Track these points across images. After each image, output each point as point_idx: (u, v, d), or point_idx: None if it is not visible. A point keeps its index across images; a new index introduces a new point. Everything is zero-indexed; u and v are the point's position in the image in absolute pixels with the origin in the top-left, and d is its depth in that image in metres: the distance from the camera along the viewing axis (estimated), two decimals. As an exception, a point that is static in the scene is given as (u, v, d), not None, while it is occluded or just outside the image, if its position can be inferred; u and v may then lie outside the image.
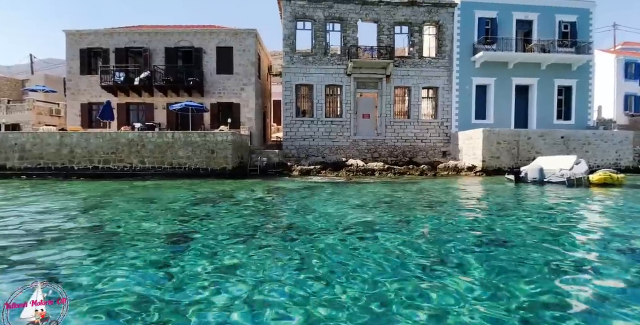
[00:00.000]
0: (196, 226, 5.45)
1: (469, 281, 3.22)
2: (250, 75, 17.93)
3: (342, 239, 4.70)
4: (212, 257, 3.89)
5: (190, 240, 4.65)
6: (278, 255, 3.99)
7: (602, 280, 3.37)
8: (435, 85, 19.11)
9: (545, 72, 19.16)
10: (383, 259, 3.84)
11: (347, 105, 18.46)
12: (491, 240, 4.84)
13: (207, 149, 14.48)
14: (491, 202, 8.43)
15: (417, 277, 3.32)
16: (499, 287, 3.08)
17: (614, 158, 16.72)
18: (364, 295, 2.88)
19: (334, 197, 8.51)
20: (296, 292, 2.97)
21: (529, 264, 3.73)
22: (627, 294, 3.04)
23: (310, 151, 18.13)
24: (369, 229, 5.31)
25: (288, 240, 4.65)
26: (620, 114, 22.64)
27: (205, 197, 8.70)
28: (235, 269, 3.45)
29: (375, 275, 3.38)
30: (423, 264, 3.71)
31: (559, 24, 19.32)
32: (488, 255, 4.08)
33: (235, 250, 4.09)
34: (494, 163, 15.91)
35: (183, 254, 4.03)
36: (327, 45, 18.48)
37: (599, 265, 3.79)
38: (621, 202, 8.21)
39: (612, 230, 5.56)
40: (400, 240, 4.62)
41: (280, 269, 3.58)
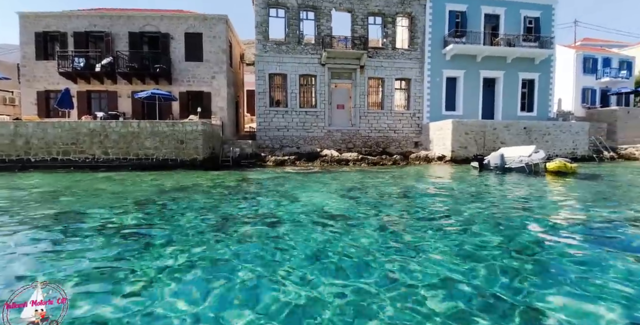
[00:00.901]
0: (165, 218, 5.25)
1: (436, 261, 3.32)
2: (221, 63, 17.35)
3: (318, 226, 4.70)
4: (182, 248, 3.77)
5: (159, 231, 4.47)
6: (253, 243, 3.92)
7: (553, 257, 3.59)
8: (408, 76, 19.41)
9: (510, 66, 19.95)
10: (358, 245, 3.87)
11: (321, 96, 18.38)
12: (455, 221, 5.02)
13: (176, 139, 13.97)
14: (456, 187, 8.74)
15: (387, 259, 3.38)
16: (464, 264, 3.20)
17: (571, 147, 17.83)
18: (337, 282, 2.89)
19: (309, 187, 8.50)
20: (267, 278, 2.94)
21: (486, 241, 3.90)
22: (573, 269, 3.26)
23: (285, 142, 17.96)
24: (343, 216, 5.34)
25: (262, 228, 4.59)
26: (578, 106, 24.08)
27: (175, 188, 8.41)
28: (207, 259, 3.35)
29: (348, 261, 3.41)
30: (393, 247, 3.78)
31: (524, 19, 20.09)
32: (449, 236, 4.23)
33: (208, 239, 3.97)
34: (462, 153, 16.49)
35: (152, 244, 3.88)
36: (301, 34, 18.21)
37: (549, 244, 4.03)
38: (571, 188, 8.78)
39: (558, 211, 5.93)
40: (373, 226, 4.68)
41: (255, 257, 3.53)
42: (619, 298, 2.54)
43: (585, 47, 28.00)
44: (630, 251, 3.62)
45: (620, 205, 6.30)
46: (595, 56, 25.02)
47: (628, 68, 25.46)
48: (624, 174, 11.92)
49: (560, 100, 24.23)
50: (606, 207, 5.96)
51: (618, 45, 36.07)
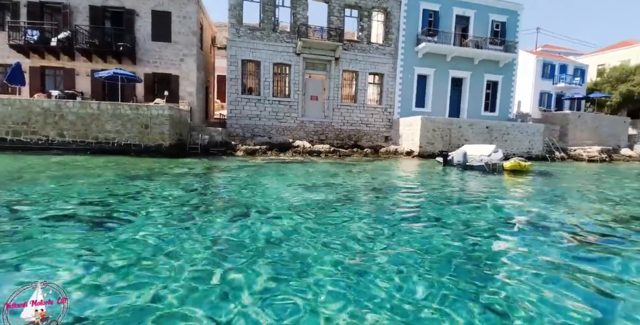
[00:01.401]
0: (126, 206, 5.01)
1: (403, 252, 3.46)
2: (191, 45, 16.59)
3: (286, 216, 4.71)
4: (143, 237, 3.63)
5: (118, 221, 4.27)
6: (218, 234, 3.86)
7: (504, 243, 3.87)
8: (381, 71, 19.70)
9: (477, 67, 20.86)
10: (324, 235, 3.94)
11: (295, 86, 18.20)
12: (419, 213, 5.25)
13: (139, 123, 13.26)
14: (421, 181, 9.12)
15: (352, 249, 3.47)
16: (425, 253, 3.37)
17: (527, 147, 19.10)
18: (301, 272, 2.93)
19: (280, 177, 8.46)
20: (233, 270, 2.92)
21: (446, 230, 4.14)
22: (524, 257, 3.54)
23: (257, 131, 17.67)
24: (312, 206, 5.39)
25: (230, 218, 4.53)
26: (536, 109, 25.76)
27: (138, 175, 8.04)
28: (171, 252, 3.25)
29: (308, 251, 3.46)
30: (361, 237, 3.89)
31: (491, 22, 21.01)
32: (414, 226, 4.43)
33: (171, 231, 3.85)
34: (429, 148, 17.14)
35: (109, 237, 3.70)
36: (277, 21, 17.82)
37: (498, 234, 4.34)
38: (521, 183, 9.46)
39: (507, 204, 6.39)
40: (340, 217, 4.78)
41: (222, 250, 3.48)
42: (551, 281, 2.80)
43: (545, 54, 29.87)
44: (563, 235, 3.99)
45: (562, 199, 6.89)
46: (553, 62, 26.78)
47: (581, 75, 27.54)
48: (571, 173, 13.00)
49: (520, 102, 25.75)
50: (549, 201, 6.50)
51: (574, 53, 38.83)
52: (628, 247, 3.67)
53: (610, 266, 3.10)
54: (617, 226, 4.61)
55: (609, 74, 28.79)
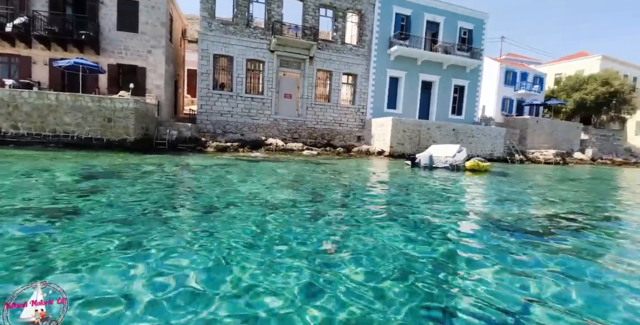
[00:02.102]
0: (86, 202, 4.77)
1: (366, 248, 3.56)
2: (159, 36, 15.98)
3: (255, 214, 4.69)
4: (102, 236, 3.49)
5: (76, 216, 4.06)
6: (183, 232, 3.78)
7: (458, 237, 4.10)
8: (355, 72, 20.00)
9: (445, 72, 21.72)
10: (293, 233, 3.97)
11: (269, 83, 18.06)
12: (387, 209, 5.42)
13: (102, 116, 12.61)
14: (390, 181, 9.39)
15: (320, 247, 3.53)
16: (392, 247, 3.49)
17: (490, 149, 20.15)
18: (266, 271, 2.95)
19: (250, 175, 8.38)
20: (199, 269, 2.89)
21: (406, 225, 4.31)
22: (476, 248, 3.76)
23: (228, 128, 17.34)
24: (283, 204, 5.41)
25: (196, 216, 4.45)
26: (498, 113, 27.22)
27: (98, 170, 7.66)
28: (129, 250, 3.15)
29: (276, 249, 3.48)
30: (332, 234, 3.96)
31: (459, 30, 21.94)
32: (382, 222, 4.57)
33: (132, 229, 3.71)
34: (400, 149, 17.63)
35: (63, 233, 3.52)
36: (251, 17, 17.59)
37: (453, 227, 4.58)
38: (478, 181, 10.01)
39: (464, 201, 6.75)
40: (308, 214, 4.82)
41: (184, 248, 3.42)
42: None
43: (508, 62, 31.60)
44: (505, 229, 4.30)
45: (516, 196, 7.37)
46: (515, 70, 28.42)
47: (540, 83, 29.42)
48: (527, 174, 13.88)
49: (484, 106, 27.09)
50: (502, 199, 6.93)
51: (535, 62, 41.39)
52: (567, 241, 4.00)
53: (549, 260, 3.37)
54: (556, 221, 5.00)
55: (565, 83, 30.97)
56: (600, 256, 3.49)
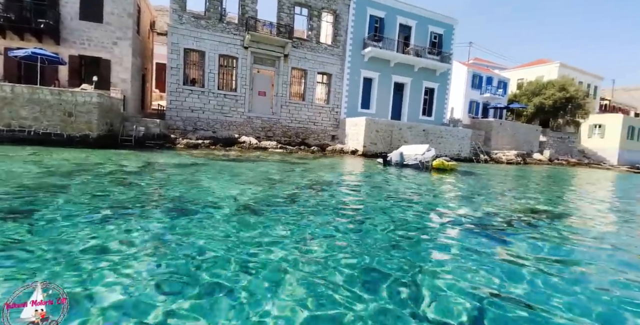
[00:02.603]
0: (40, 201, 4.49)
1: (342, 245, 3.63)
2: (126, 28, 15.23)
3: (225, 214, 4.63)
4: (59, 236, 3.31)
5: (30, 216, 3.83)
6: (149, 232, 3.67)
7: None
8: (330, 72, 20.12)
9: (417, 74, 22.37)
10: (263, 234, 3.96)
11: (242, 80, 17.75)
12: (359, 207, 5.52)
13: (62, 110, 11.86)
14: (362, 179, 9.57)
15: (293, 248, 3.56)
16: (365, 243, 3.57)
17: (458, 150, 21.00)
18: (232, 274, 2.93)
19: (221, 173, 8.22)
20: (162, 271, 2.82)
21: (380, 222, 4.44)
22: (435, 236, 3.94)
23: (199, 124, 16.87)
24: (255, 204, 5.37)
25: (164, 216, 4.32)
26: (465, 115, 28.41)
27: (56, 167, 7.22)
28: (92, 252, 3.01)
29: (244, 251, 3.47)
30: (304, 233, 3.98)
31: (430, 34, 22.67)
32: (352, 218, 4.66)
33: (93, 230, 3.55)
34: (373, 148, 17.96)
35: (18, 233, 3.31)
36: (224, 11, 17.19)
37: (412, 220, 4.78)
38: (442, 179, 10.46)
39: (422, 194, 7.04)
40: (282, 214, 4.83)
41: (152, 249, 3.32)
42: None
43: (475, 66, 33.05)
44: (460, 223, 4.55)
45: (476, 192, 7.78)
46: (482, 75, 29.78)
47: (504, 87, 31.03)
48: (490, 173, 14.64)
49: (452, 108, 28.17)
50: (465, 195, 7.29)
51: (500, 67, 43.56)
52: (524, 233, 4.30)
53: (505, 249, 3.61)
54: (514, 216, 5.35)
55: (526, 88, 32.87)
56: (553, 247, 3.77)
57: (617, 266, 3.32)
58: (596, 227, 5.16)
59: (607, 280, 2.94)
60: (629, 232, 5.03)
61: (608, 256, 3.67)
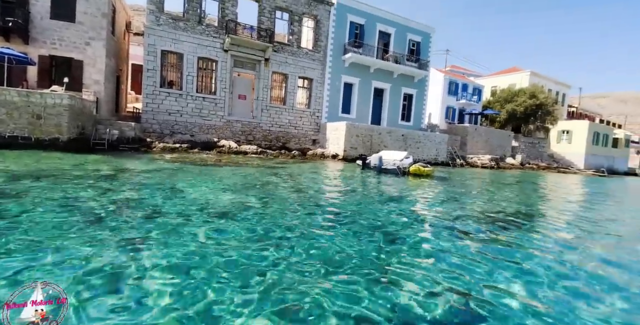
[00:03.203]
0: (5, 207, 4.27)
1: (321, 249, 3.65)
2: (100, 28, 14.76)
3: (202, 219, 4.57)
4: (28, 239, 3.17)
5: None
6: (122, 237, 3.56)
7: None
8: (311, 76, 20.24)
9: (396, 80, 22.87)
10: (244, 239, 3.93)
11: (222, 83, 17.56)
12: (339, 209, 5.58)
13: (30, 112, 11.32)
14: (342, 181, 9.66)
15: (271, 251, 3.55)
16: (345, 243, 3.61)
17: (435, 154, 21.57)
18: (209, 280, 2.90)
19: (201, 178, 8.08)
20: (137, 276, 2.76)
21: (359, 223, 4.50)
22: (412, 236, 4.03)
23: (177, 128, 16.52)
24: (234, 208, 5.31)
25: (139, 221, 4.21)
26: (442, 121, 29.25)
27: (23, 172, 6.88)
28: (61, 256, 2.90)
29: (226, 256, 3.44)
30: (283, 237, 3.98)
31: (408, 41, 23.27)
32: (337, 221, 4.70)
33: (63, 234, 3.41)
34: (353, 153, 18.15)
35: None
36: (203, 13, 17.00)
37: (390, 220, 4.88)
38: (418, 184, 10.74)
39: (397, 197, 7.22)
40: (261, 218, 4.81)
41: (125, 253, 3.23)
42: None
43: (452, 73, 34.14)
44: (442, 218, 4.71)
45: (452, 196, 8.03)
46: (458, 82, 30.79)
47: (478, 94, 32.20)
48: (466, 177, 15.12)
49: (430, 114, 28.95)
50: (438, 196, 7.52)
51: (475, 74, 45.18)
52: (496, 233, 4.48)
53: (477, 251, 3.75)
54: (489, 217, 5.57)
55: (499, 95, 34.25)
56: (522, 245, 3.95)
57: (573, 257, 3.52)
58: (558, 228, 5.45)
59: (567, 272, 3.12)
60: (586, 230, 5.34)
61: (568, 250, 3.88)
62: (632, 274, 3.47)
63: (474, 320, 2.25)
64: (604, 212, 8.05)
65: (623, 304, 2.68)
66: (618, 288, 3.01)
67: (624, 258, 4.05)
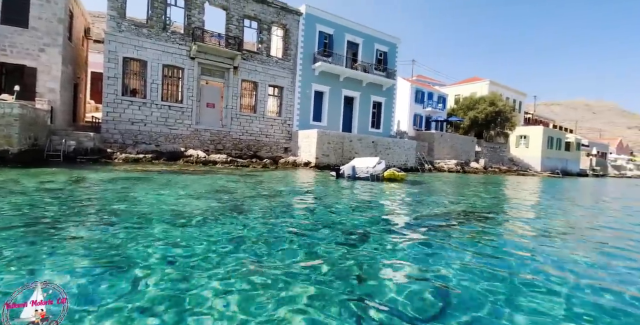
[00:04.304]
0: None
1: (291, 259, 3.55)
2: (56, 34, 13.96)
3: (161, 229, 4.34)
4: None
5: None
6: (80, 247, 3.29)
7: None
8: (281, 84, 20.25)
9: (365, 88, 23.41)
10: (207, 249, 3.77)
11: (189, 91, 17.11)
12: (311, 218, 5.51)
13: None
14: (315, 191, 9.63)
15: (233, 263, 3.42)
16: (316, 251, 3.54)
17: (404, 160, 22.14)
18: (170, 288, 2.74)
19: (163, 189, 7.72)
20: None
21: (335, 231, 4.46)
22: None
23: (140, 138, 15.81)
24: (196, 218, 5.10)
25: (96, 231, 3.92)
26: (411, 128, 30.23)
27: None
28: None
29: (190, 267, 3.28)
30: (251, 249, 3.85)
31: (376, 51, 24.00)
32: (308, 233, 4.63)
33: (15, 245, 3.09)
34: (325, 160, 18.23)
35: None
36: (169, 20, 16.60)
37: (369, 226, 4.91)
38: (394, 189, 10.97)
39: (378, 204, 7.32)
40: (226, 228, 4.65)
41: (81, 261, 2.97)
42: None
43: (418, 82, 35.55)
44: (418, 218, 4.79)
45: (425, 199, 8.24)
46: (424, 90, 32.06)
47: (443, 102, 33.67)
48: (435, 181, 15.61)
49: (399, 121, 29.82)
50: (413, 199, 7.68)
51: (440, 84, 47.32)
52: (467, 231, 4.60)
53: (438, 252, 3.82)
54: (459, 216, 5.73)
55: (462, 103, 36.01)
56: (492, 242, 4.07)
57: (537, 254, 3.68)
58: (520, 225, 5.71)
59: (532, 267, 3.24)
60: (548, 223, 5.64)
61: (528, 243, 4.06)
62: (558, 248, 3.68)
63: (441, 309, 2.26)
64: (559, 207, 8.57)
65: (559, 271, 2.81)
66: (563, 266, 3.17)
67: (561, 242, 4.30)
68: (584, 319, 2.33)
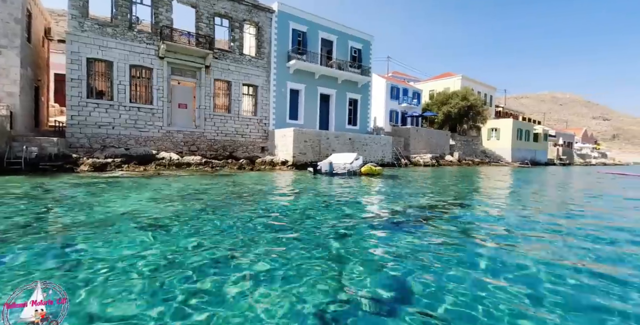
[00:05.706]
0: None
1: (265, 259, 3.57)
2: (13, 35, 13.18)
3: (131, 234, 4.25)
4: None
5: None
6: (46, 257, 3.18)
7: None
8: (255, 83, 20.02)
9: (340, 86, 23.53)
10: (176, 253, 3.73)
11: (159, 92, 16.63)
12: (291, 216, 5.53)
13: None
14: (294, 187, 9.65)
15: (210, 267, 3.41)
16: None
17: (381, 156, 22.49)
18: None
19: (132, 194, 7.52)
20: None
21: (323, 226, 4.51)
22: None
23: (109, 141, 15.26)
24: (167, 223, 5.02)
25: (56, 239, 3.80)
26: (387, 124, 30.69)
27: None
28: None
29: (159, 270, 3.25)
30: (226, 254, 3.84)
31: (350, 48, 24.13)
32: (288, 230, 4.65)
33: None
34: (302, 158, 18.25)
35: None
36: (136, 19, 16.03)
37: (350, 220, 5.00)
38: (372, 183, 11.17)
39: (360, 198, 7.46)
40: (200, 231, 4.61)
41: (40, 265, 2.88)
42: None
43: (393, 79, 36.06)
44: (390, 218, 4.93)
45: (403, 192, 8.44)
46: (399, 86, 32.57)
47: (418, 98, 34.34)
48: (411, 175, 15.98)
49: (375, 118, 30.23)
50: (391, 192, 7.86)
51: (414, 80, 48.13)
52: (442, 221, 4.77)
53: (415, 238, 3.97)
54: (436, 206, 5.92)
55: (436, 98, 36.89)
56: (466, 230, 4.25)
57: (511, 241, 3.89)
58: (493, 213, 5.98)
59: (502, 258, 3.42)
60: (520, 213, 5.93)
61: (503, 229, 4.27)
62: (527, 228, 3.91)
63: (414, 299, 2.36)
64: (528, 191, 9.00)
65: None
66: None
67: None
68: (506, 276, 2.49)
